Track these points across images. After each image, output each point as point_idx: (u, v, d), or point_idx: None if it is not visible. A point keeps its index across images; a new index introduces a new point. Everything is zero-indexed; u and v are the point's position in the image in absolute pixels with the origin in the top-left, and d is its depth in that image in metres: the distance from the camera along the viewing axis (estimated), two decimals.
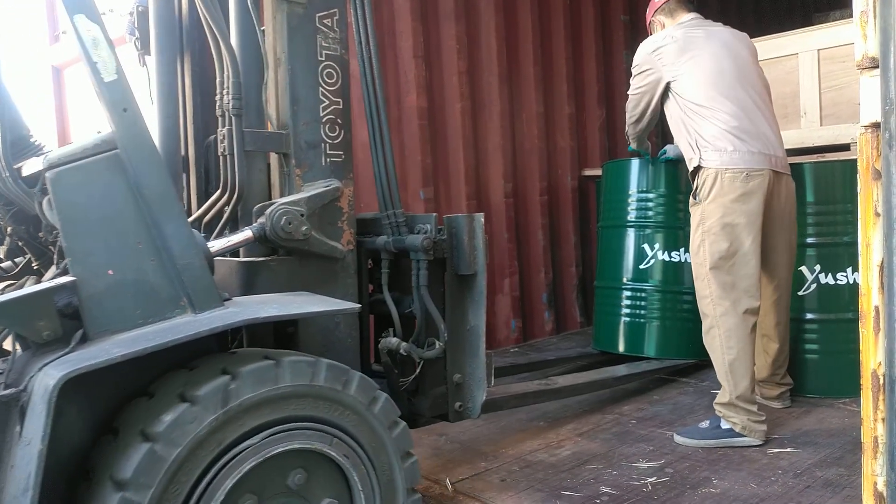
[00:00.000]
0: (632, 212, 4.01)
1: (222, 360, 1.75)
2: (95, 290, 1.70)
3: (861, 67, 1.43)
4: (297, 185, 2.23)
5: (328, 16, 2.28)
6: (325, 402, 1.82)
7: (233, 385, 1.66)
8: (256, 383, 1.70)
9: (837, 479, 2.50)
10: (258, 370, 1.71)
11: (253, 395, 1.68)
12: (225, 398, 1.65)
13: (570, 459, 2.81)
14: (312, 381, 1.79)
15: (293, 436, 1.76)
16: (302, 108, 2.25)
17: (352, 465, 1.86)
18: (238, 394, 1.66)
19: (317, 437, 1.80)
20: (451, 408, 2.49)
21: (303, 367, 1.78)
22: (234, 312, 1.78)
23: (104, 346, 1.63)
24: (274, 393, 1.72)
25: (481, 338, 2.45)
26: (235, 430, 1.67)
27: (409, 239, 2.36)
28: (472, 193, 4.59)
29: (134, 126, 1.77)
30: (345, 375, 1.86)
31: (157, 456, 1.55)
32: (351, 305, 2.05)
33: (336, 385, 1.83)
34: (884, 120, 1.36)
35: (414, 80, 4.29)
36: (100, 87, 1.74)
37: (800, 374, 3.45)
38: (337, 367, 1.85)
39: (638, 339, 4.02)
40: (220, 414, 1.63)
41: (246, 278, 2.15)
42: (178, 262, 1.78)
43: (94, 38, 1.73)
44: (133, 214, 1.76)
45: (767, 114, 3.04)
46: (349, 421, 1.86)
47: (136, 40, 2.57)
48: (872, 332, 1.44)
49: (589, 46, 5.38)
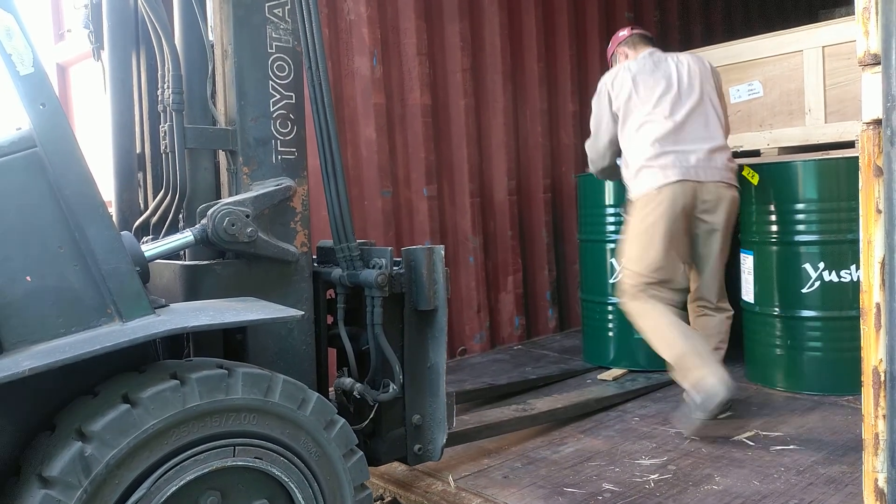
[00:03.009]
0: (609, 226, 3.97)
1: (173, 367, 1.68)
2: (12, 298, 1.59)
3: (863, 64, 1.43)
4: (245, 183, 2.11)
5: (278, 5, 2.15)
6: (279, 420, 1.74)
7: (180, 392, 1.59)
8: (206, 392, 1.63)
9: (840, 476, 2.50)
10: (208, 378, 1.64)
11: (200, 402, 1.62)
12: (171, 404, 1.58)
13: (573, 456, 2.81)
14: (267, 395, 1.71)
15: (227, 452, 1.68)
16: (250, 103, 2.12)
17: (297, 488, 1.78)
18: (185, 401, 1.60)
19: (266, 456, 1.73)
20: (410, 450, 2.35)
21: (256, 379, 1.71)
22: (163, 321, 1.67)
23: (19, 357, 1.53)
24: (226, 404, 1.65)
25: (442, 377, 2.31)
26: (177, 440, 1.60)
27: (364, 274, 2.21)
28: (475, 190, 4.59)
29: (53, 122, 1.64)
30: (301, 394, 1.77)
31: (89, 455, 1.48)
32: (293, 312, 1.89)
33: (292, 404, 1.75)
34: (885, 117, 1.36)
35: (418, 77, 4.29)
36: (15, 81, 1.61)
37: (802, 370, 3.45)
38: (292, 383, 1.77)
39: (627, 351, 3.98)
40: (161, 420, 1.56)
41: (189, 283, 2.04)
42: (103, 268, 1.66)
43: (7, 28, 1.61)
44: (53, 216, 1.64)
45: (703, 132, 3.22)
46: (301, 444, 1.78)
47: (91, 34, 2.49)
48: (874, 329, 1.44)
49: (593, 44, 5.37)
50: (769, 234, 3.50)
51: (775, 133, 4.36)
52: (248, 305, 1.90)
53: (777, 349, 3.51)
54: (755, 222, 3.58)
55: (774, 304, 3.50)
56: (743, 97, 4.52)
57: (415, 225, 4.35)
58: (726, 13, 6.66)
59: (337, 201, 2.22)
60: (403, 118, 4.33)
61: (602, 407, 3.38)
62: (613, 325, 4.02)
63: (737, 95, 4.55)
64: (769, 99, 4.38)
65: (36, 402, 1.64)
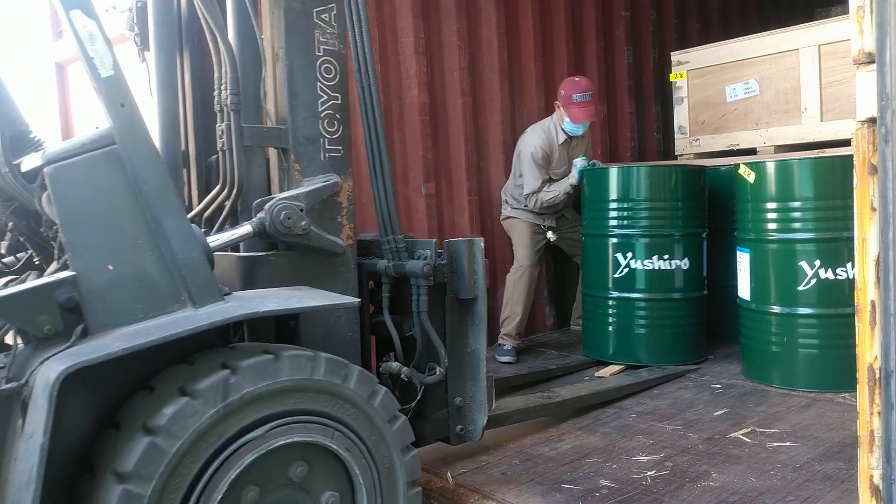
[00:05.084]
0: (611, 220, 4.00)
1: (222, 355, 1.76)
2: (96, 285, 1.71)
3: (857, 63, 1.43)
4: (296, 179, 2.24)
5: (325, 11, 2.29)
6: (326, 395, 1.83)
7: (233, 379, 1.68)
8: (256, 377, 1.71)
9: (836, 472, 2.51)
10: (258, 364, 1.72)
11: (253, 388, 1.70)
12: (225, 392, 1.66)
13: (571, 453, 2.82)
14: (312, 374, 1.80)
15: (294, 429, 1.77)
16: (300, 104, 2.25)
17: (353, 459, 1.87)
18: (238, 387, 1.68)
19: (318, 431, 1.82)
20: (453, 431, 2.51)
21: (302, 361, 1.80)
22: (234, 307, 1.79)
23: (105, 340, 1.64)
24: (274, 387, 1.73)
25: (482, 361, 2.47)
26: (236, 424, 1.69)
27: (410, 264, 2.38)
28: (473, 189, 4.60)
29: (131, 121, 1.77)
30: (344, 369, 1.87)
31: (158, 449, 1.57)
32: (350, 300, 2.07)
33: (335, 379, 1.84)
34: (880, 115, 1.37)
35: (415, 76, 4.29)
36: (97, 83, 1.74)
37: (799, 368, 3.47)
38: (336, 360, 1.87)
39: (627, 346, 4.01)
40: (221, 408, 1.65)
41: (246, 273, 2.16)
42: (178, 257, 1.78)
43: (90, 33, 1.73)
44: (132, 209, 1.77)
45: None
46: (349, 414, 1.87)
47: (136, 36, 2.57)
48: (868, 327, 1.45)
49: (590, 42, 5.37)
50: (765, 231, 3.51)
51: (771, 131, 4.37)
52: (307, 293, 2.04)
53: (773, 346, 3.53)
54: (751, 220, 3.59)
55: (771, 301, 3.51)
56: (739, 96, 4.53)
57: (413, 223, 4.36)
58: (723, 12, 6.67)
59: (384, 197, 2.40)
60: (401, 117, 4.33)
61: (623, 395, 3.52)
62: (614, 321, 4.03)
63: (733, 94, 4.57)
64: (765, 97, 4.40)
65: (99, 398, 1.72)
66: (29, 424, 1.56)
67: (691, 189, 3.97)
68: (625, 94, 5.64)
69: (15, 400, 1.67)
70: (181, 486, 1.61)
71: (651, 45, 5.88)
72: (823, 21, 4.37)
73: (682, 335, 3.99)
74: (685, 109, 4.83)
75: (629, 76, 5.67)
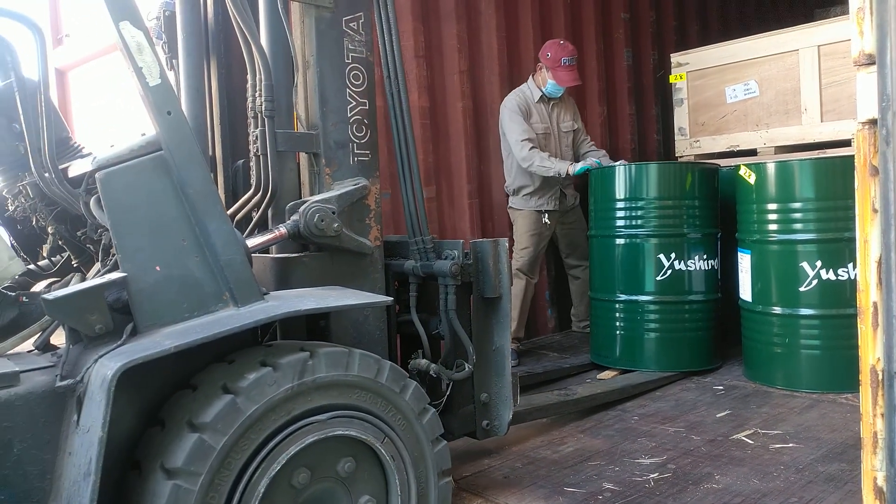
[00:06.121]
0: (618, 220, 3.91)
1: (260, 353, 1.80)
2: (144, 286, 1.78)
3: (858, 64, 1.43)
4: (327, 183, 2.31)
5: (354, 19, 2.36)
6: (359, 390, 1.88)
7: (272, 377, 1.72)
8: (294, 374, 1.76)
9: (839, 473, 2.51)
10: (295, 361, 1.77)
11: (291, 385, 1.74)
12: (262, 392, 1.70)
13: (573, 456, 2.82)
14: (347, 370, 1.85)
15: (352, 423, 1.85)
16: (331, 109, 2.32)
17: (385, 451, 1.91)
18: (278, 385, 1.72)
19: (371, 432, 1.89)
20: (479, 426, 2.56)
21: (338, 357, 1.85)
22: (276, 305, 1.86)
23: (155, 338, 1.70)
24: (310, 384, 1.78)
25: (507, 358, 2.53)
26: (279, 418, 1.73)
27: (438, 264, 2.43)
28: (473, 192, 4.59)
29: (178, 128, 1.84)
30: (377, 364, 1.92)
31: (205, 445, 1.61)
32: (384, 298, 2.16)
33: (369, 374, 1.89)
34: (881, 116, 1.36)
35: (415, 79, 4.30)
36: (145, 91, 1.80)
37: (801, 368, 3.47)
38: (369, 356, 1.93)
39: (635, 352, 3.93)
40: (264, 403, 1.70)
41: (280, 274, 2.22)
42: (221, 258, 1.85)
43: (138, 43, 1.79)
44: (178, 213, 1.84)
45: None
46: (381, 407, 1.92)
47: (164, 44, 2.62)
48: (871, 328, 1.44)
49: (590, 44, 5.37)
50: (767, 232, 3.51)
51: (772, 132, 4.37)
52: (341, 293, 2.11)
53: (775, 347, 3.53)
54: (753, 221, 3.59)
55: (773, 302, 3.51)
56: (739, 97, 4.53)
57: None
58: (722, 13, 6.68)
59: (413, 200, 2.47)
60: None
61: (638, 392, 3.55)
62: (622, 325, 3.95)
63: (733, 95, 4.57)
64: (765, 98, 4.40)
65: (143, 396, 1.77)
66: (85, 419, 1.61)
67: (706, 188, 3.90)
68: (625, 95, 5.64)
69: (69, 396, 1.71)
70: (226, 480, 1.65)
71: (651, 47, 5.88)
72: (823, 22, 4.37)
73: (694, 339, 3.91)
74: (685, 111, 4.83)
75: (629, 78, 5.67)
